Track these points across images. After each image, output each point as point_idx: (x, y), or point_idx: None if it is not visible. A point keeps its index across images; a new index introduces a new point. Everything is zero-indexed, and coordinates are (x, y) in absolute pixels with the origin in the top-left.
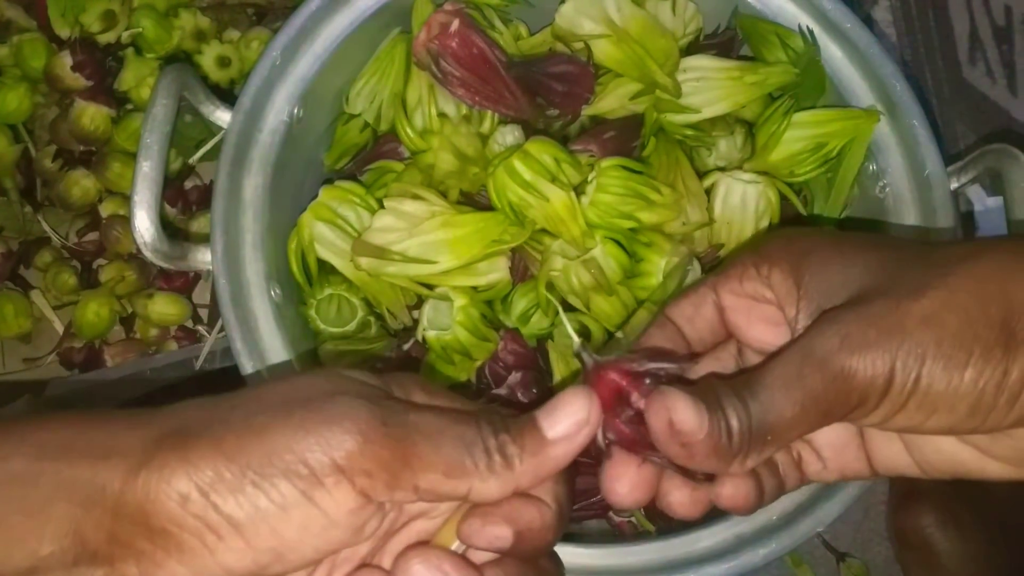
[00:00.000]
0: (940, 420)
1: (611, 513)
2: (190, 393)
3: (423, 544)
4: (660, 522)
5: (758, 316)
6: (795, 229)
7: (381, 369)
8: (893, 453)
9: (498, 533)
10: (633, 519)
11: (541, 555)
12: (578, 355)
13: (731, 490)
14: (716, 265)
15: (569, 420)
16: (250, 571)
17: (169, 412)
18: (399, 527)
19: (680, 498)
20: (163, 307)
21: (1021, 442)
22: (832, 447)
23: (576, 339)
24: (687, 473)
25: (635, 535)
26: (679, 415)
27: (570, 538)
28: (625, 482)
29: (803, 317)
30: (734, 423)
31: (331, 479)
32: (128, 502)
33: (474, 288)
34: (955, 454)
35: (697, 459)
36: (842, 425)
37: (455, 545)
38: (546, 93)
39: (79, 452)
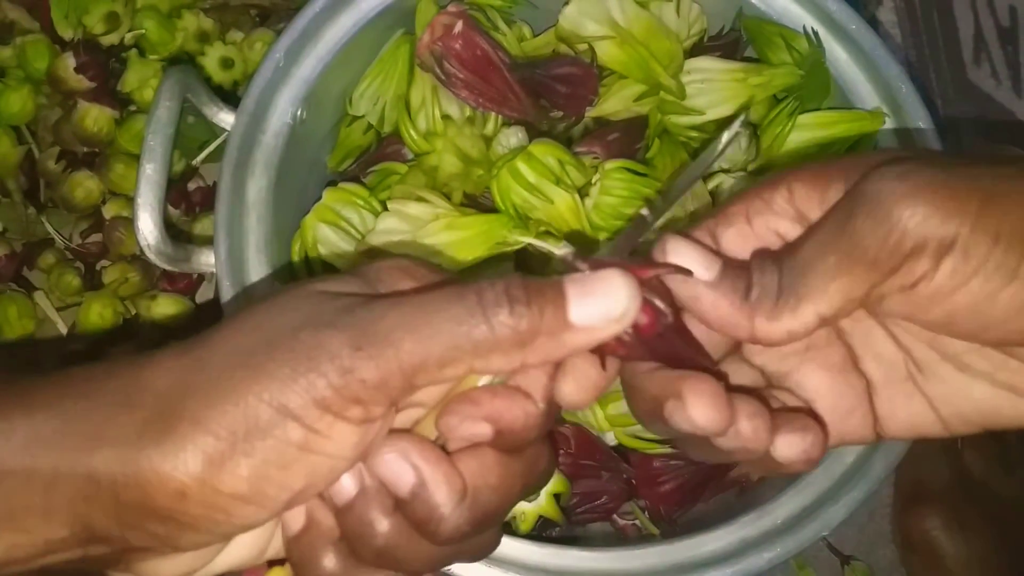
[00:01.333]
0: (1011, 300)
1: (615, 516)
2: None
3: (400, 432)
4: (664, 525)
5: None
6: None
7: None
8: (915, 410)
9: (476, 431)
10: (637, 522)
11: (524, 448)
12: (569, 263)
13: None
14: None
15: (603, 310)
16: (269, 519)
17: (144, 385)
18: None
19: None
20: (167, 308)
21: None
22: (836, 410)
23: (558, 249)
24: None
25: (639, 538)
26: (678, 253)
27: (574, 542)
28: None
29: None
30: (756, 278)
31: (323, 423)
32: (128, 495)
33: None
34: (989, 402)
35: (705, 310)
36: (851, 383)
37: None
38: (550, 95)
39: (70, 446)
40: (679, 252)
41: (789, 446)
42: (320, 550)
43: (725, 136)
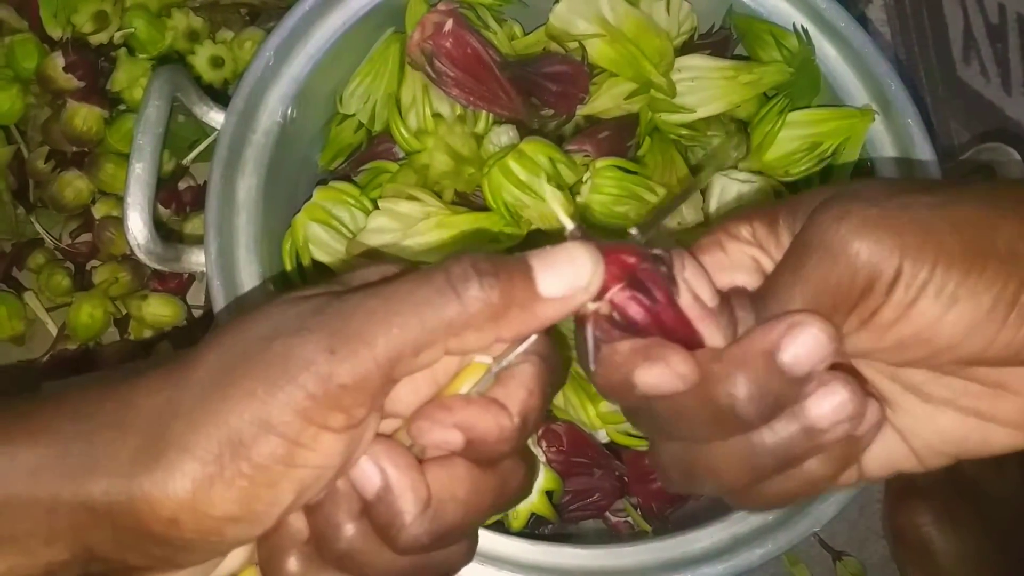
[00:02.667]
0: (963, 315)
1: (607, 513)
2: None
3: (378, 437)
4: (657, 522)
5: (742, 279)
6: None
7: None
8: (888, 445)
9: (447, 438)
10: (630, 519)
11: (497, 462)
12: (575, 238)
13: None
14: None
15: (569, 279)
16: (264, 531)
17: (135, 406)
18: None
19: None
20: (157, 308)
21: (1020, 396)
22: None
23: (569, 223)
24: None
25: (631, 535)
26: (695, 270)
27: (566, 539)
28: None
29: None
30: (739, 314)
31: (307, 435)
32: (123, 521)
33: None
34: (956, 431)
35: (702, 323)
36: None
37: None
38: (540, 93)
39: (69, 473)
40: (695, 276)
41: (873, 409)
42: (286, 550)
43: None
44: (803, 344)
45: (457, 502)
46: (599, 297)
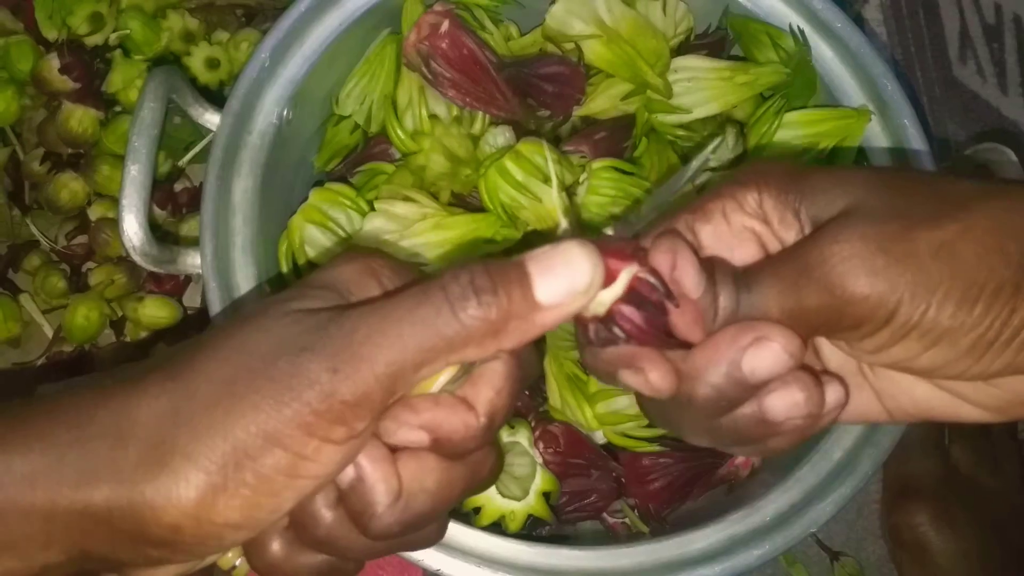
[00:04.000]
0: (938, 355)
1: (605, 515)
2: None
3: None
4: (654, 523)
5: (742, 254)
6: (775, 161)
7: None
8: (863, 400)
9: (412, 437)
10: (627, 521)
11: (465, 456)
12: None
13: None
14: None
15: (567, 284)
16: (258, 533)
17: (134, 417)
18: None
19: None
20: (153, 310)
21: (1003, 391)
22: None
23: (564, 221)
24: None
25: (629, 536)
26: (683, 266)
27: (563, 540)
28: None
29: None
30: (721, 302)
31: (309, 448)
32: (123, 526)
33: None
34: (930, 401)
35: (681, 318)
36: (808, 363)
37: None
38: (537, 94)
39: (66, 481)
40: (682, 263)
41: (834, 394)
42: (269, 535)
43: (711, 146)
44: (764, 359)
45: (427, 492)
46: (606, 283)
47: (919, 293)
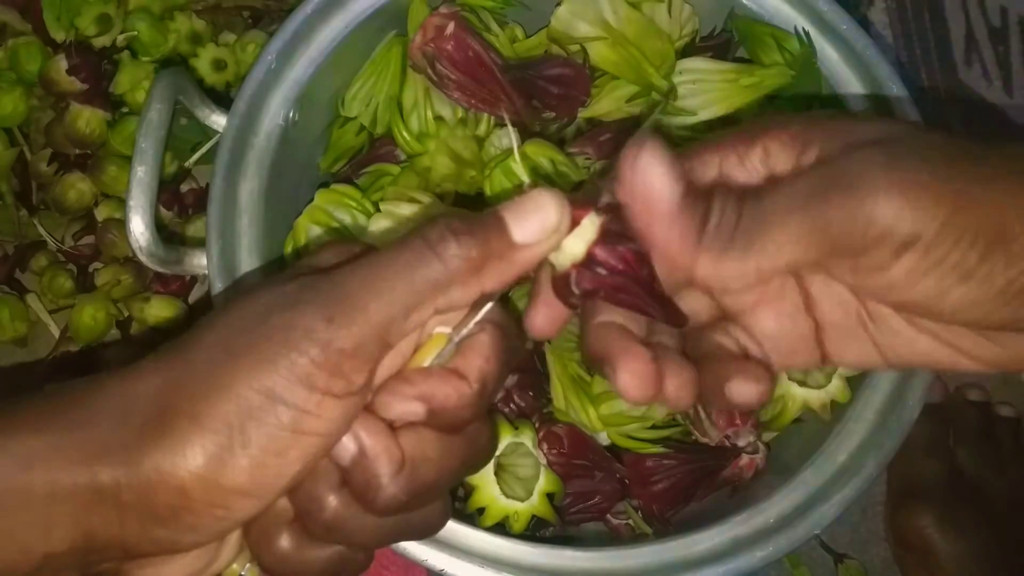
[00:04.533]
0: (968, 293)
1: (608, 516)
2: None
3: None
4: (657, 525)
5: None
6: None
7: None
8: (862, 351)
9: (409, 409)
10: (630, 522)
11: (461, 427)
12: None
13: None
14: None
15: (539, 223)
16: (264, 509)
17: (134, 393)
18: None
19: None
20: (160, 310)
21: (1005, 347)
22: (780, 351)
23: (526, 178)
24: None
25: (632, 538)
26: (646, 169)
27: (567, 541)
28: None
29: None
30: (713, 219)
31: (311, 402)
32: (130, 499)
33: None
34: (931, 353)
35: (665, 236)
36: (799, 330)
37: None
38: (542, 96)
39: (70, 458)
40: (649, 166)
41: (740, 392)
42: (275, 530)
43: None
44: (747, 395)
45: (429, 462)
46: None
47: (967, 216)
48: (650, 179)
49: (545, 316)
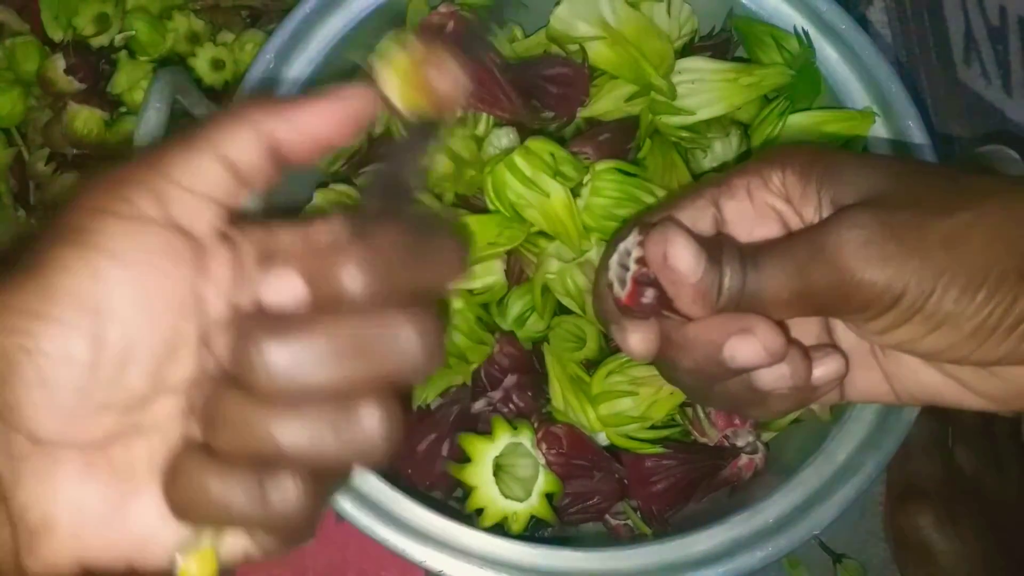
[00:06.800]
0: (940, 338)
1: (607, 516)
2: None
3: None
4: (656, 525)
5: (762, 232)
6: (803, 144)
7: None
8: (872, 381)
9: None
10: (629, 522)
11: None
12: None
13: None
14: None
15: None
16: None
17: None
18: None
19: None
20: None
21: (1006, 381)
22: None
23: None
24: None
25: (631, 538)
26: (675, 253)
27: (566, 542)
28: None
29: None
30: (726, 282)
31: (96, 221)
32: None
33: (469, 291)
34: (936, 387)
35: (682, 300)
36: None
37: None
38: (541, 95)
39: None
40: (680, 252)
41: (826, 368)
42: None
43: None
44: (743, 350)
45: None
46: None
47: (925, 279)
48: (679, 257)
49: (639, 339)
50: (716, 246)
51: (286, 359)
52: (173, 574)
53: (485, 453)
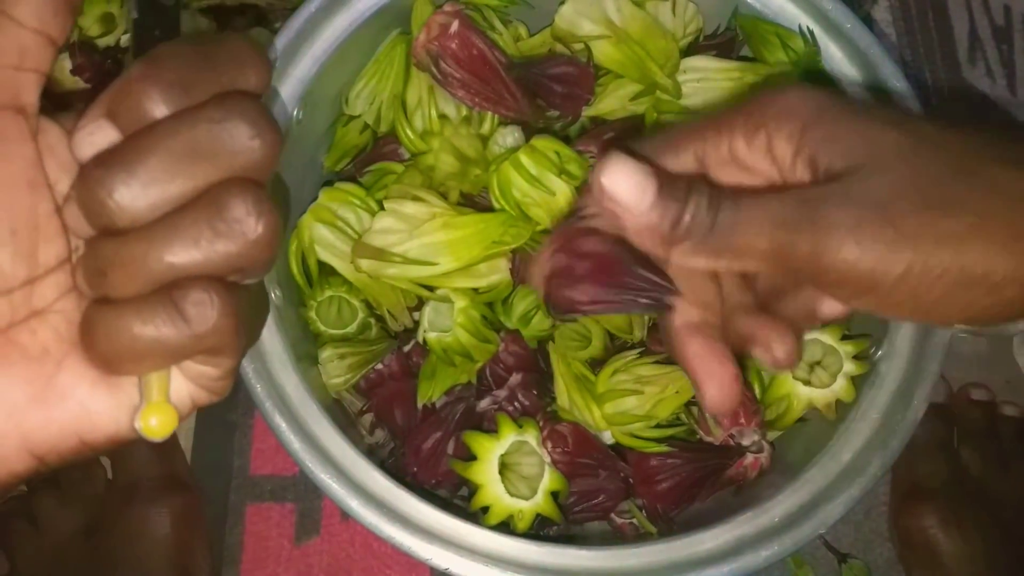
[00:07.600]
0: (903, 312)
1: (612, 515)
2: None
3: None
4: (662, 524)
5: (746, 184)
6: (801, 87)
7: None
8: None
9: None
10: (635, 521)
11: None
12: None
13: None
14: None
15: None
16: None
17: None
18: None
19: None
20: None
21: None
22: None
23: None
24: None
25: (636, 537)
26: (616, 180)
27: (571, 540)
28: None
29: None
30: (687, 217)
31: None
32: None
33: (475, 290)
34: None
35: (637, 234)
36: None
37: None
38: (546, 94)
39: None
40: (617, 176)
41: (832, 307)
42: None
43: None
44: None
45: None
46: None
47: (914, 272)
48: (621, 185)
49: (718, 391)
50: (683, 179)
51: (134, 184)
52: (139, 433)
53: (491, 451)
